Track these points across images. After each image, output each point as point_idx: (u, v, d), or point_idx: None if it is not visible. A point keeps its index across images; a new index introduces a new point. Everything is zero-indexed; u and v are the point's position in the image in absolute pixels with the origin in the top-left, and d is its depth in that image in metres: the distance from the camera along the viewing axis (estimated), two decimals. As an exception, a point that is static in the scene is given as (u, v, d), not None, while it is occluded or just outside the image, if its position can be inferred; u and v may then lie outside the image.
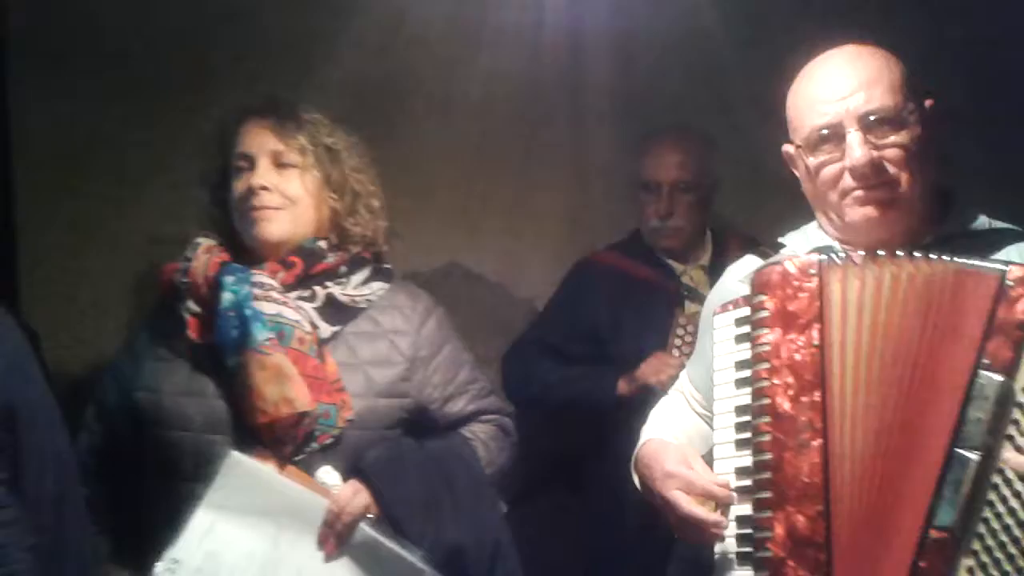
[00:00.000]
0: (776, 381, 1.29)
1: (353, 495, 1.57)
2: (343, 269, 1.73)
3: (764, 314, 1.32)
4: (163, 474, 1.61)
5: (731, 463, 1.37)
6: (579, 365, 2.41)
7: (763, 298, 1.33)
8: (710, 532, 1.34)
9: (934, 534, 1.19)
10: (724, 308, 1.42)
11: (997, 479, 1.18)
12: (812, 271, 1.31)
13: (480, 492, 1.69)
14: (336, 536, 1.55)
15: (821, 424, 1.26)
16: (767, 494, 1.28)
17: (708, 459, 1.43)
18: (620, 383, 2.33)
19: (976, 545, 1.17)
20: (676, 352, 2.33)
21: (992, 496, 1.18)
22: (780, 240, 1.54)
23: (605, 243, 2.57)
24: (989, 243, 1.39)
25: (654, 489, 1.45)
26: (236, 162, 1.72)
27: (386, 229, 1.79)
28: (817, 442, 1.26)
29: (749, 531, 1.31)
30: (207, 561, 1.52)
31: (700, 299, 2.36)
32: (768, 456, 1.28)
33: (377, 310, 1.74)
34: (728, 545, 1.34)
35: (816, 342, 1.28)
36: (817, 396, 1.27)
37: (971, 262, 1.26)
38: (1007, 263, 1.24)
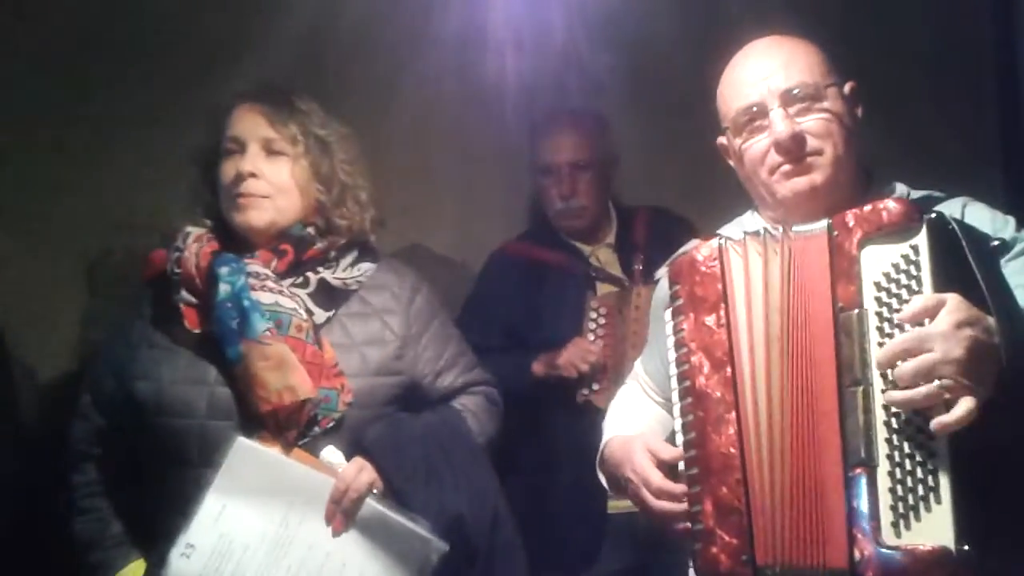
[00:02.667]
0: (694, 363, 1.38)
1: (358, 472, 1.64)
2: (332, 254, 1.78)
3: (680, 302, 1.42)
4: (170, 461, 1.66)
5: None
6: (498, 354, 2.33)
7: (677, 286, 1.43)
8: (677, 522, 1.39)
9: (855, 471, 1.25)
10: None
11: (883, 401, 1.24)
12: (715, 255, 1.40)
13: (476, 461, 1.77)
14: (343, 512, 1.62)
15: (732, 397, 1.34)
16: (695, 470, 1.36)
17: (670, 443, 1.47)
18: (536, 365, 2.35)
19: (889, 469, 1.23)
20: (591, 336, 2.35)
21: (886, 419, 1.24)
22: (719, 232, 1.56)
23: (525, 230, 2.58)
24: None
25: (625, 484, 1.49)
26: (226, 145, 1.74)
27: (374, 219, 1.82)
28: (731, 415, 1.34)
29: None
30: (220, 543, 1.59)
31: (611, 278, 2.42)
32: (693, 435, 1.37)
33: (367, 290, 1.80)
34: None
35: (722, 322, 1.37)
36: (728, 372, 1.35)
37: (801, 227, 1.36)
38: (829, 219, 1.33)
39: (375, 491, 1.64)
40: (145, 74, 2.41)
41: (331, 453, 1.66)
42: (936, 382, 1.18)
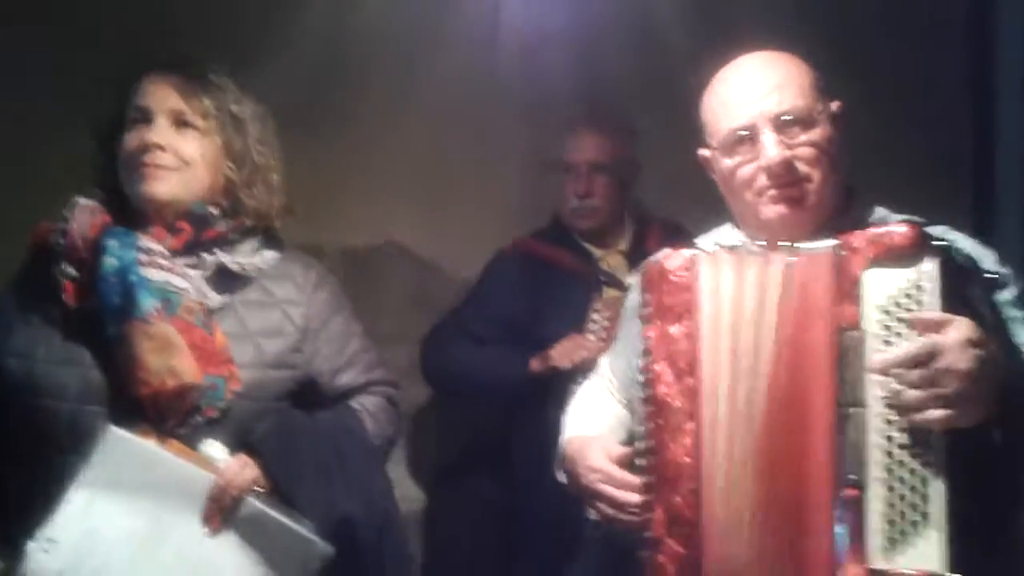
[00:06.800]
0: (658, 371, 1.37)
1: (241, 468, 1.53)
2: (233, 236, 1.68)
3: (648, 309, 1.40)
4: (39, 447, 1.53)
5: None
6: (496, 347, 2.45)
7: (647, 294, 1.41)
8: (633, 516, 1.38)
9: (846, 492, 1.24)
10: None
11: (881, 425, 1.25)
12: (686, 265, 1.39)
13: (369, 463, 1.68)
14: (222, 511, 1.51)
15: (692, 408, 1.34)
16: (650, 478, 1.36)
17: (628, 445, 1.47)
18: (532, 361, 2.37)
19: (881, 492, 1.23)
20: (592, 337, 2.38)
21: (881, 442, 1.24)
22: (695, 241, 1.58)
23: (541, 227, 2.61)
24: None
25: (579, 484, 1.49)
26: (131, 114, 1.63)
27: (282, 205, 1.73)
28: (690, 425, 1.34)
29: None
30: (84, 540, 1.46)
31: (618, 284, 2.44)
32: (652, 442, 1.36)
33: (268, 279, 1.69)
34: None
35: (688, 331, 1.36)
36: (690, 382, 1.35)
37: (808, 245, 1.35)
38: (836, 241, 1.32)
39: (257, 489, 1.54)
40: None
41: (211, 447, 1.55)
42: (935, 390, 1.20)
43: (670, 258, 1.41)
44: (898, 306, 1.26)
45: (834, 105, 1.48)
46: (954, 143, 2.85)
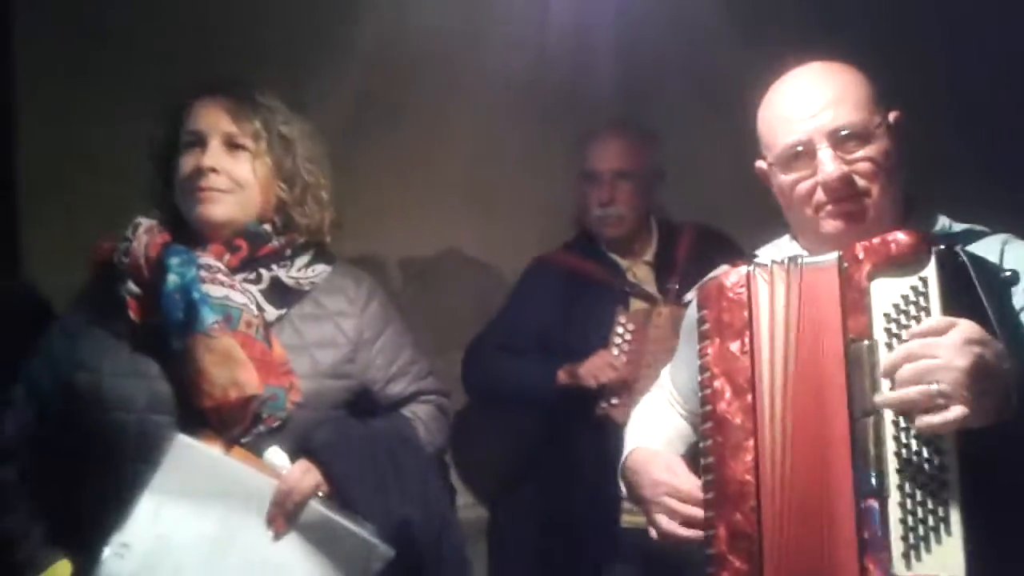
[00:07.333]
0: (717, 387, 1.39)
1: (303, 474, 1.59)
2: (287, 252, 1.74)
3: (706, 326, 1.42)
4: (106, 456, 1.60)
5: None
6: (527, 358, 2.50)
7: (705, 311, 1.43)
8: (695, 531, 1.41)
9: (867, 502, 1.25)
10: None
11: (894, 432, 1.25)
12: (743, 282, 1.40)
13: (425, 469, 1.74)
14: (285, 515, 1.57)
15: (752, 425, 1.35)
16: (712, 495, 1.38)
17: (687, 457, 1.51)
18: (560, 373, 2.41)
19: (900, 499, 1.24)
20: (616, 351, 2.41)
21: (896, 449, 1.25)
22: (755, 253, 1.58)
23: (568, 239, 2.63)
24: None
25: (642, 495, 1.52)
26: (185, 138, 1.70)
27: (332, 221, 1.79)
28: (749, 442, 1.35)
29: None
30: (156, 544, 1.52)
31: (644, 296, 2.48)
32: (712, 459, 1.38)
33: (321, 292, 1.76)
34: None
35: (746, 349, 1.38)
36: (749, 399, 1.36)
37: (813, 259, 1.39)
38: (839, 252, 1.34)
39: (320, 494, 1.60)
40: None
41: (275, 454, 1.61)
42: (934, 386, 1.19)
43: (727, 275, 1.42)
44: (903, 313, 1.27)
45: (892, 116, 1.45)
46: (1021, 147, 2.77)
